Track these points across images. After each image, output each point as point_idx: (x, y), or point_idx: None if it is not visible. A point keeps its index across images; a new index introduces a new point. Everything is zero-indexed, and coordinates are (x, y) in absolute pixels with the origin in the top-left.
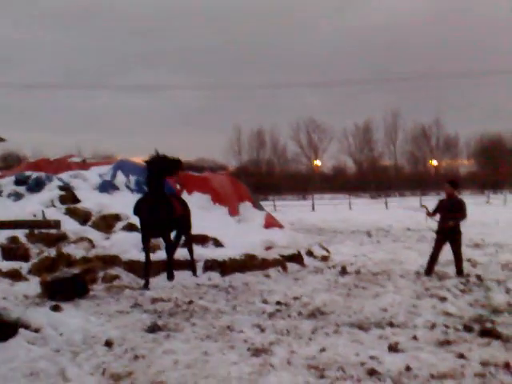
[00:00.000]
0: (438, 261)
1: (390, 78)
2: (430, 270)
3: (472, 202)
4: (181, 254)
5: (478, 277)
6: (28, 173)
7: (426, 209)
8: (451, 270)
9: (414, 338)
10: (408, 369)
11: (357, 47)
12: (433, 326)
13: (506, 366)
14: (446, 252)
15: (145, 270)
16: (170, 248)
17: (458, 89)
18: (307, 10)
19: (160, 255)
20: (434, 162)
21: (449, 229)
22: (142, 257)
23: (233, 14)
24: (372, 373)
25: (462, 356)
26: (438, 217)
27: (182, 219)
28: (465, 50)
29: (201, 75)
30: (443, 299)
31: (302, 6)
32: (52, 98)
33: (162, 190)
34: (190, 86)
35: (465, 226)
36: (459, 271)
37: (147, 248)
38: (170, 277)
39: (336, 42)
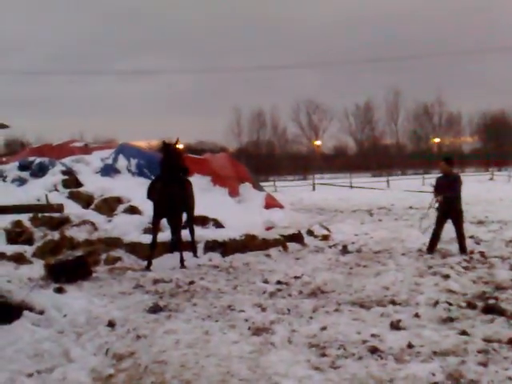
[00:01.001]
0: (441, 238)
1: (390, 57)
2: (432, 247)
3: (476, 179)
4: (182, 235)
5: (482, 254)
6: (31, 158)
7: (436, 197)
8: (454, 247)
9: (416, 315)
10: (410, 346)
11: (357, 26)
12: (435, 304)
13: (510, 342)
14: (449, 230)
15: (150, 251)
16: (179, 229)
17: (459, 66)
18: None
19: (162, 237)
20: (437, 140)
21: (447, 205)
22: (143, 239)
23: None
24: (374, 350)
25: (464, 333)
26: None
27: (188, 200)
28: (467, 27)
29: (200, 58)
30: (446, 277)
31: None
32: (53, 84)
33: (176, 172)
34: (189, 69)
35: (469, 204)
36: (462, 249)
37: (156, 229)
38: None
39: (336, 21)
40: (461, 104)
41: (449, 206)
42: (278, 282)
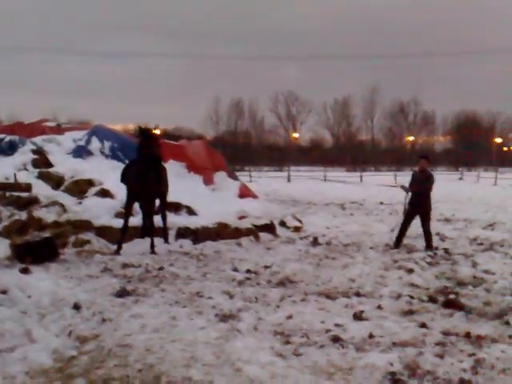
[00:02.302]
0: (408, 235)
1: (369, 55)
2: (398, 242)
3: (446, 178)
4: (154, 220)
5: (446, 250)
6: (1, 136)
7: (404, 189)
8: (420, 243)
9: (379, 307)
10: (371, 336)
11: (338, 23)
12: (398, 297)
13: (467, 335)
14: (416, 226)
15: (121, 236)
16: (152, 214)
17: (436, 67)
18: None
19: (133, 221)
20: (411, 138)
21: (417, 201)
22: (114, 223)
23: None
24: (336, 339)
25: (424, 325)
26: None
27: (162, 186)
28: (443, 30)
29: (180, 44)
30: (410, 271)
31: None
32: (27, 62)
33: (152, 156)
34: (169, 54)
35: (438, 202)
36: (428, 245)
37: (129, 213)
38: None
39: (317, 17)
40: (435, 104)
41: (419, 201)
42: (248, 271)
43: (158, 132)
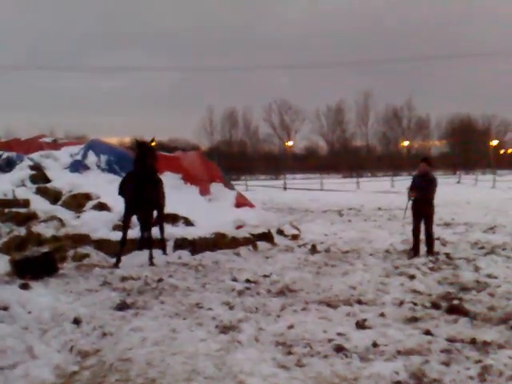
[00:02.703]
0: (408, 239)
1: (362, 61)
2: (416, 248)
3: (444, 182)
4: (151, 232)
5: (447, 255)
6: None
7: (409, 194)
8: (421, 248)
9: (382, 315)
10: (375, 345)
11: (330, 30)
12: (401, 304)
13: (472, 342)
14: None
15: (120, 249)
16: (150, 226)
17: (429, 71)
18: None
19: (131, 234)
20: (406, 143)
21: (420, 205)
22: (112, 236)
23: None
24: (339, 349)
25: (428, 332)
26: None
27: (160, 198)
28: (437, 34)
29: (173, 57)
30: (412, 277)
31: None
32: (24, 79)
33: (149, 169)
34: (163, 67)
35: (437, 206)
36: (430, 250)
37: (127, 226)
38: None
39: (311, 23)
40: (430, 108)
41: (422, 206)
42: (247, 281)
43: (154, 144)
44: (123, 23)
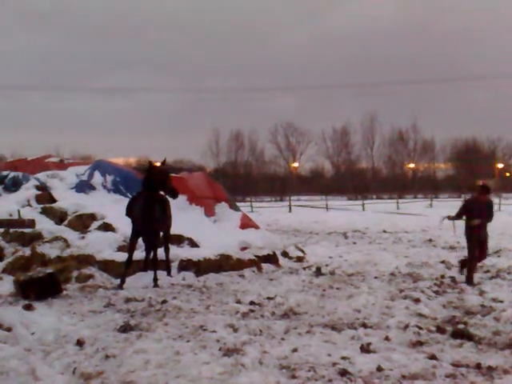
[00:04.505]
0: (412, 263)
1: (368, 83)
2: (471, 276)
3: (449, 204)
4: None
5: (453, 279)
6: (5, 172)
7: (474, 223)
8: (425, 271)
9: (387, 338)
10: (379, 369)
11: (335, 52)
12: (405, 327)
13: (477, 366)
14: (421, 254)
15: (124, 270)
16: (155, 247)
17: (434, 94)
18: (283, 17)
19: (135, 255)
20: (411, 165)
21: (483, 230)
22: (116, 256)
23: (210, 17)
24: (343, 373)
25: (433, 357)
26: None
27: (167, 219)
28: (442, 57)
29: (180, 78)
30: (417, 300)
31: (277, 13)
32: (30, 100)
33: (160, 191)
34: (169, 88)
35: (441, 229)
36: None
37: (133, 247)
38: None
39: (315, 46)
40: (435, 131)
41: (483, 231)
42: (251, 303)
43: (165, 166)
44: (129, 44)
